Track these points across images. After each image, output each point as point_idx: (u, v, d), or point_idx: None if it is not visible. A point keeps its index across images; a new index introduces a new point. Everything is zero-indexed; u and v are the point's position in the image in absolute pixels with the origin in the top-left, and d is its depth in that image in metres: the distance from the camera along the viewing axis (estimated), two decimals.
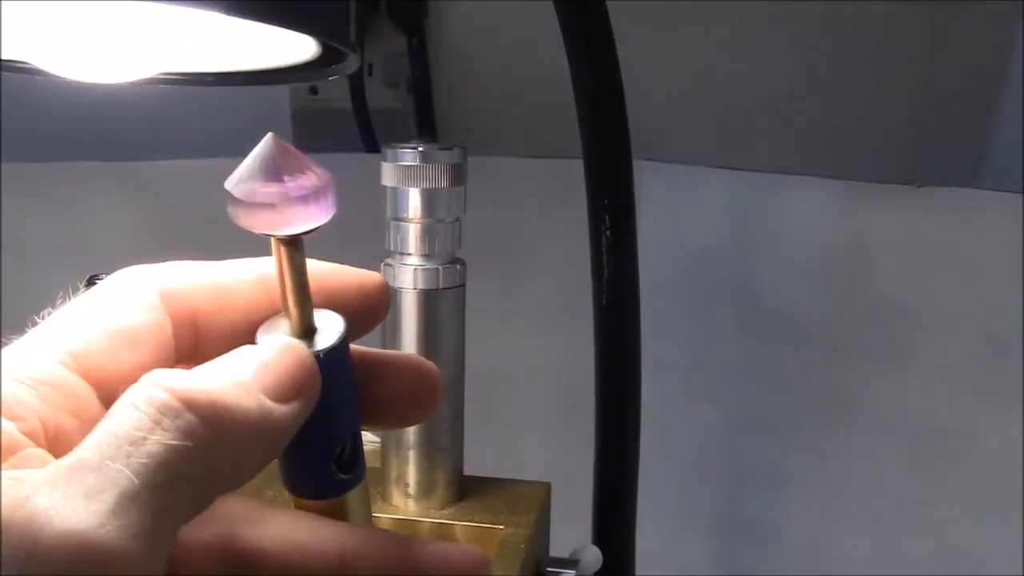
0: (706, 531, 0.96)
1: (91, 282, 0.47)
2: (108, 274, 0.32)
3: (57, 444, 0.27)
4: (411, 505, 0.54)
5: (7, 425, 0.26)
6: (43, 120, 0.80)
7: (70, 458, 0.24)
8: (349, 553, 0.30)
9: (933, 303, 0.81)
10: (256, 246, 0.33)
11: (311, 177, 0.27)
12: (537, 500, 0.55)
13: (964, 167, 0.82)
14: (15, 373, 0.27)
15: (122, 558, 0.23)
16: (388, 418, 0.33)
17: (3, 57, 0.46)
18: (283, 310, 0.29)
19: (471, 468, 0.57)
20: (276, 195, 0.27)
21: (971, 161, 0.83)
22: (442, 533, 0.52)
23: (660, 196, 0.89)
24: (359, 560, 0.30)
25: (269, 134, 0.27)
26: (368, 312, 0.32)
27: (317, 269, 0.31)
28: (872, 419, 0.86)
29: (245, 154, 0.28)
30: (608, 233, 0.65)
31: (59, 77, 0.44)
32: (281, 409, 0.27)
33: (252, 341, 0.31)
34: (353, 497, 0.32)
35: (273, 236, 0.28)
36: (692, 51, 0.85)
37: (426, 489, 0.54)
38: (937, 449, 0.83)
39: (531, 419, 0.95)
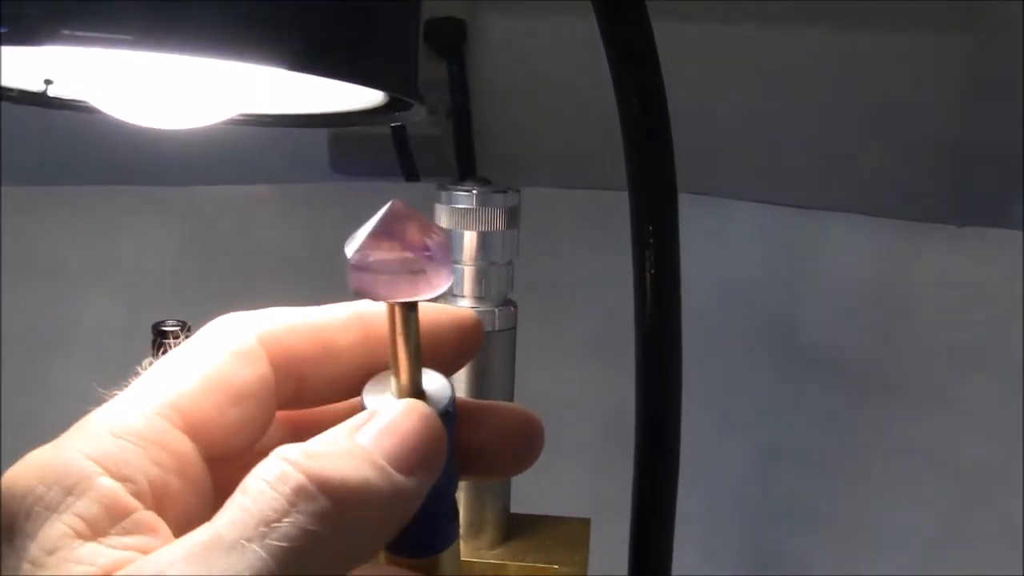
0: (737, 565, 0.96)
1: (158, 331, 0.47)
2: (171, 322, 0.31)
3: (163, 506, 0.27)
4: (461, 546, 0.54)
5: (115, 487, 0.25)
6: (82, 144, 0.81)
7: (203, 534, 0.24)
8: None
9: (972, 342, 0.81)
10: (293, 273, 0.32)
11: (431, 243, 0.27)
12: (583, 537, 0.56)
13: (1005, 207, 0.82)
14: (119, 430, 0.26)
15: None
16: (485, 469, 0.32)
17: (70, 97, 0.46)
18: (393, 371, 0.29)
19: (517, 502, 0.57)
20: (397, 263, 0.27)
21: (1012, 202, 0.83)
22: (496, 573, 0.52)
23: (697, 229, 0.89)
24: None
25: (392, 200, 0.27)
26: (464, 351, 0.32)
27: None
28: (908, 458, 0.85)
29: (283, 179, 0.27)
30: (652, 271, 0.65)
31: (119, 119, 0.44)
32: (412, 483, 0.27)
33: (354, 388, 0.30)
34: (446, 556, 0.31)
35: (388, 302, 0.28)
36: (732, 84, 0.85)
37: (476, 529, 0.54)
38: (973, 489, 0.83)
39: (572, 453, 0.95)
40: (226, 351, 0.29)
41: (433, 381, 0.30)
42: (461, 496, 0.54)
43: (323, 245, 0.26)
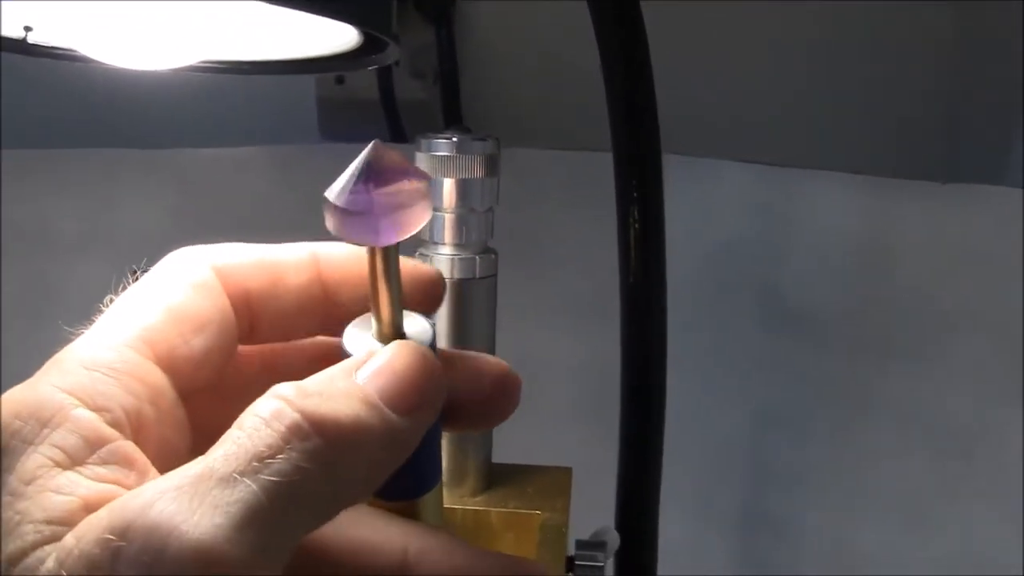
0: (727, 526, 0.96)
1: (133, 273, 0.47)
2: (148, 265, 0.31)
3: (140, 436, 0.27)
4: (443, 493, 0.54)
5: (91, 416, 0.25)
6: (74, 107, 0.81)
7: (195, 467, 0.24)
8: (412, 554, 0.29)
9: (958, 300, 0.81)
10: (284, 234, 0.33)
11: (412, 185, 0.27)
12: (565, 485, 0.56)
13: (990, 164, 0.82)
14: (91, 363, 0.27)
15: (245, 573, 0.23)
16: (461, 420, 0.32)
17: (44, 43, 0.46)
18: (374, 314, 0.29)
19: (498, 458, 0.57)
20: (374, 203, 0.26)
21: (997, 158, 0.83)
22: (478, 520, 0.53)
23: (685, 190, 0.89)
24: (422, 562, 0.29)
25: (374, 141, 0.27)
26: (425, 306, 0.32)
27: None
28: (895, 416, 0.86)
29: (273, 141, 0.27)
30: (636, 227, 0.65)
31: (100, 63, 0.44)
32: (409, 424, 0.27)
33: (306, 326, 0.31)
34: (429, 500, 0.31)
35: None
36: (718, 46, 0.85)
37: (459, 478, 0.54)
38: (960, 446, 0.83)
39: (557, 410, 0.95)
40: (185, 283, 0.29)
41: (414, 323, 0.30)
42: (444, 444, 0.54)
43: (313, 206, 0.27)
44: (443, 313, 0.52)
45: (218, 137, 0.87)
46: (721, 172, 0.89)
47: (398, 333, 0.29)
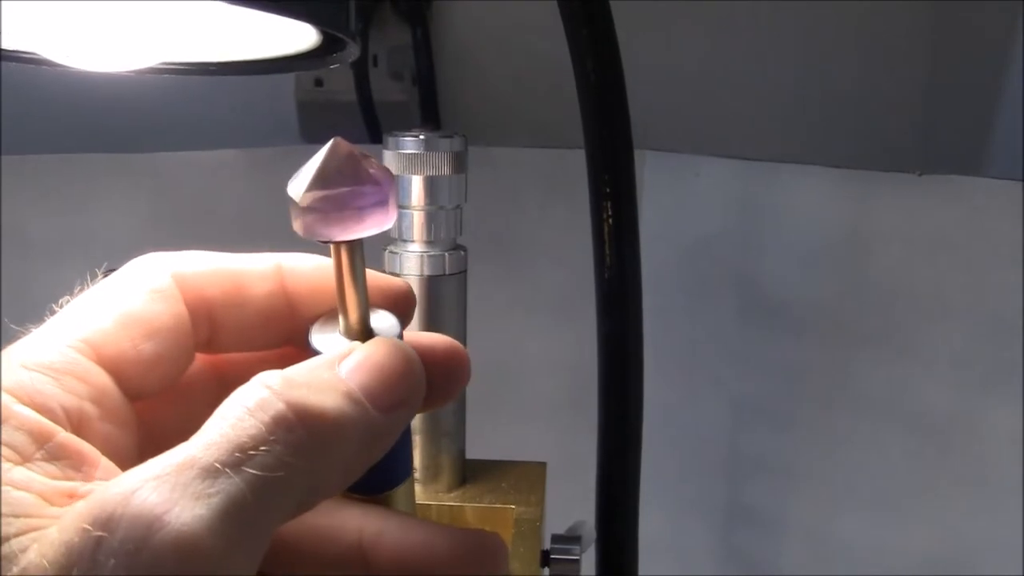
0: (708, 518, 0.96)
1: (109, 273, 0.47)
2: (110, 268, 0.32)
3: (82, 433, 0.26)
4: (418, 490, 0.55)
5: (32, 413, 0.25)
6: (48, 112, 0.81)
7: (176, 455, 0.24)
8: (369, 535, 0.29)
9: (934, 291, 0.82)
10: (263, 238, 0.33)
11: (374, 180, 0.27)
12: (539, 479, 0.56)
13: (966, 155, 0.82)
14: (31, 362, 0.27)
15: (226, 564, 0.23)
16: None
17: (7, 47, 0.47)
18: (341, 312, 0.29)
19: (475, 455, 0.58)
20: (336, 200, 0.26)
21: (973, 149, 0.83)
22: (453, 516, 0.53)
23: (662, 185, 0.89)
24: (379, 543, 0.29)
25: (334, 139, 0.27)
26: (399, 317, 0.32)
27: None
28: (874, 407, 0.86)
29: (252, 144, 0.28)
30: (610, 221, 0.65)
31: (62, 66, 0.44)
32: (389, 420, 0.27)
33: (267, 338, 0.31)
34: (400, 493, 0.31)
35: (334, 241, 0.28)
36: (693, 41, 0.85)
37: (432, 473, 0.55)
38: (939, 436, 0.83)
39: (534, 406, 0.95)
40: (140, 288, 0.29)
41: (381, 320, 0.30)
42: (417, 440, 0.55)
43: None
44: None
45: (197, 141, 0.87)
46: (699, 167, 0.89)
47: (366, 329, 0.29)
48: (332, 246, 0.28)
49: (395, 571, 0.29)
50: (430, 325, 0.53)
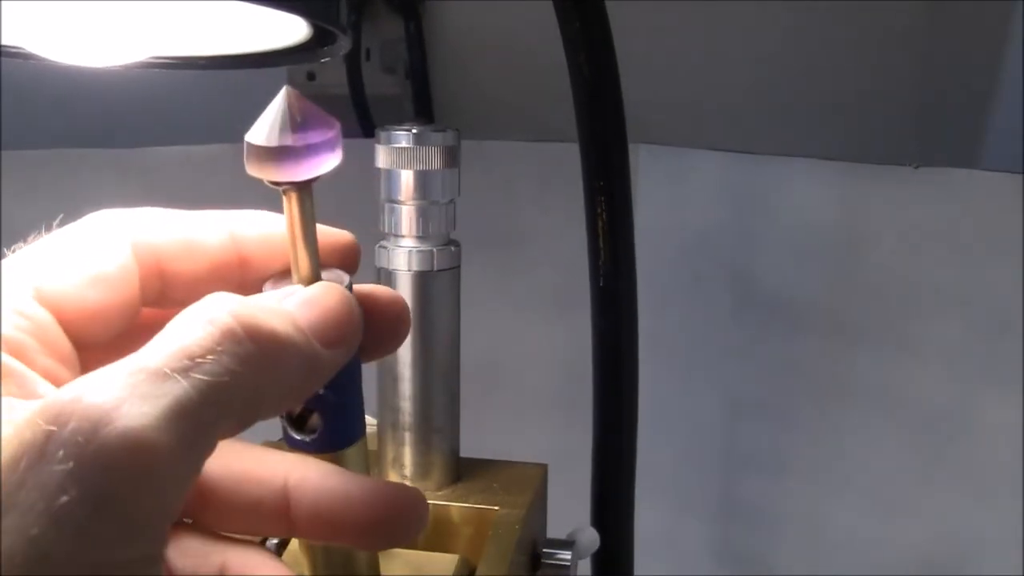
0: (704, 514, 0.96)
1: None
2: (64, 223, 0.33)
3: (21, 362, 0.28)
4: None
5: None
6: (39, 107, 0.80)
7: (128, 362, 0.25)
8: (293, 481, 0.31)
9: (931, 284, 0.81)
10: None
11: (324, 125, 0.29)
12: (533, 481, 0.55)
13: (962, 148, 0.82)
14: None
15: (171, 463, 0.24)
16: (365, 350, 0.33)
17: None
18: (292, 262, 0.31)
19: (470, 452, 0.57)
20: (295, 143, 0.28)
21: (969, 142, 0.83)
22: (438, 514, 0.52)
23: (657, 179, 0.89)
24: (300, 487, 0.31)
25: (284, 87, 0.29)
26: (345, 270, 0.33)
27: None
28: (870, 401, 0.86)
29: (241, 139, 0.29)
30: (604, 215, 0.65)
31: (51, 61, 0.44)
32: (328, 353, 0.29)
33: (219, 291, 0.31)
34: (351, 453, 0.32)
35: (286, 185, 0.30)
36: (689, 34, 0.85)
37: (423, 471, 0.54)
38: (936, 431, 0.83)
39: (529, 402, 0.95)
40: (89, 238, 0.31)
41: (331, 274, 0.32)
42: (407, 437, 0.54)
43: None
44: None
45: (188, 136, 0.87)
46: (694, 161, 0.89)
47: (316, 279, 0.31)
48: (285, 195, 0.30)
49: (313, 515, 0.31)
50: (423, 321, 0.52)
